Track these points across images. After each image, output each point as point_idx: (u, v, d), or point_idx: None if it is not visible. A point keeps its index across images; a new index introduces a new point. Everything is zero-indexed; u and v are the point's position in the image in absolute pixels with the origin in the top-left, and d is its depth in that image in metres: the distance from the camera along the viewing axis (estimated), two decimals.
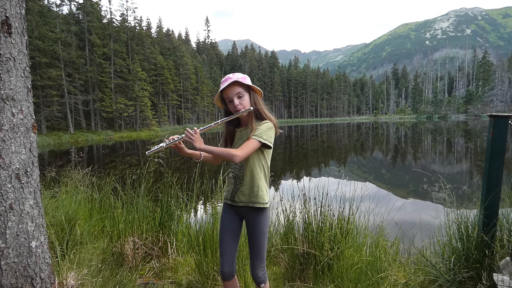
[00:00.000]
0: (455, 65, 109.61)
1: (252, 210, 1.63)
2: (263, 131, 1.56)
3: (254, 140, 1.53)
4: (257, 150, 1.58)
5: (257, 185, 1.61)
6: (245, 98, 1.61)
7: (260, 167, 1.63)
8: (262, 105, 1.66)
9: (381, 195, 6.91)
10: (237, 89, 1.59)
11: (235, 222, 1.70)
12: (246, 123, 1.68)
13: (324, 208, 2.41)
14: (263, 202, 1.61)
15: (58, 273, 1.87)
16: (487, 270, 1.84)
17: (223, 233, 1.70)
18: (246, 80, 1.61)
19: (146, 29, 55.07)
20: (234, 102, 1.59)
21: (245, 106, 1.60)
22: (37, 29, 27.35)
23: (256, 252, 1.64)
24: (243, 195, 1.62)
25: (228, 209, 1.71)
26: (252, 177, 1.61)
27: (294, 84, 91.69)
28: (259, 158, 1.62)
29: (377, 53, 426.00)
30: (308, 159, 13.95)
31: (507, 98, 64.01)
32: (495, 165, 1.93)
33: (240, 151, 1.49)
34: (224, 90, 1.60)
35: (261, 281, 1.67)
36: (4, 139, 1.45)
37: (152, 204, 2.90)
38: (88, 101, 34.70)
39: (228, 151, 1.50)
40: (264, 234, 1.64)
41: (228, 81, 1.57)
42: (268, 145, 1.57)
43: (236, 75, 1.59)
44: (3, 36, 1.44)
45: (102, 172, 4.30)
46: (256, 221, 1.63)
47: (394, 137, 26.46)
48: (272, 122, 1.63)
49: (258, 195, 1.61)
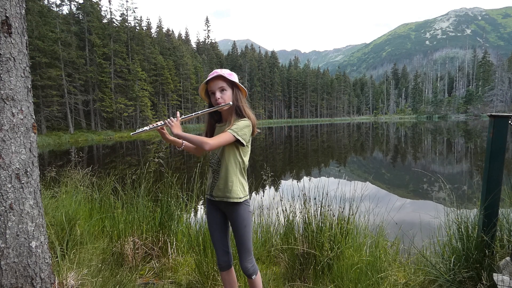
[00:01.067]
0: (455, 65, 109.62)
1: (228, 204, 1.67)
2: (239, 127, 1.60)
3: (228, 133, 1.57)
4: (232, 146, 1.63)
5: (231, 180, 1.64)
6: (227, 93, 1.65)
7: (236, 163, 1.66)
8: (243, 103, 1.69)
9: (381, 195, 6.91)
10: (220, 83, 1.63)
11: (218, 215, 1.75)
12: (226, 118, 1.72)
13: (324, 208, 2.41)
14: (237, 197, 1.64)
15: (58, 273, 1.87)
16: (487, 270, 1.84)
17: (211, 227, 1.77)
18: (232, 76, 1.65)
19: (146, 29, 55.02)
20: (216, 95, 1.63)
21: (225, 100, 1.64)
22: (37, 29, 27.34)
23: (242, 245, 1.68)
24: (219, 189, 1.66)
25: (210, 203, 1.76)
26: (227, 172, 1.64)
27: (294, 84, 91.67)
28: (234, 154, 1.66)
29: (377, 53, 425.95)
30: (308, 159, 13.94)
31: (507, 98, 63.99)
32: (495, 165, 1.93)
33: (212, 140, 1.52)
34: (208, 83, 1.65)
35: (251, 272, 1.70)
36: (4, 139, 1.45)
37: (152, 204, 2.91)
38: (88, 101, 34.70)
39: (200, 138, 1.53)
40: (245, 227, 1.67)
41: (213, 74, 1.63)
42: (240, 142, 1.60)
43: (223, 71, 1.64)
44: (3, 36, 1.44)
45: (102, 172, 4.30)
46: (235, 215, 1.67)
47: (394, 137, 26.45)
48: (250, 120, 1.66)
49: (232, 190, 1.64)
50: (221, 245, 1.75)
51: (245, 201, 1.68)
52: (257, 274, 1.73)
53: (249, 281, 1.73)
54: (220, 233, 1.75)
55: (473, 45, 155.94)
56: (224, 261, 1.76)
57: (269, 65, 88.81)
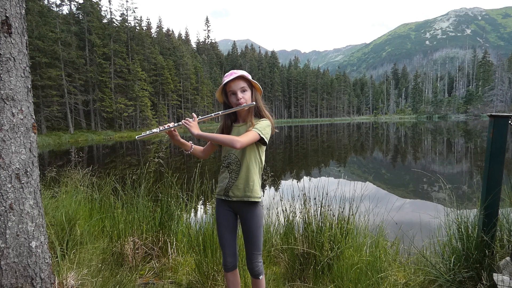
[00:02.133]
0: (455, 65, 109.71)
1: (247, 204, 1.66)
2: (262, 127, 1.60)
3: (255, 132, 1.57)
4: (253, 145, 1.63)
5: (253, 180, 1.64)
6: (248, 94, 1.65)
7: (256, 162, 1.67)
8: (261, 103, 1.71)
9: (381, 195, 6.91)
10: (241, 84, 1.63)
11: (230, 216, 1.73)
12: (244, 119, 1.71)
13: (324, 208, 2.41)
14: (257, 196, 1.65)
15: (58, 273, 1.87)
16: (487, 270, 1.84)
17: (221, 228, 1.74)
18: (249, 77, 1.66)
19: (146, 29, 55.03)
20: (238, 95, 1.62)
21: (247, 100, 1.64)
22: (37, 29, 27.34)
23: (254, 245, 1.68)
24: (238, 189, 1.65)
25: (221, 204, 1.74)
26: (248, 171, 1.64)
27: (294, 84, 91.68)
28: (255, 153, 1.66)
29: (377, 53, 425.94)
30: (308, 159, 13.94)
31: (507, 98, 63.99)
32: (495, 165, 1.93)
33: (242, 138, 1.51)
34: (228, 83, 1.63)
35: (260, 273, 1.71)
36: (4, 139, 1.45)
37: (152, 204, 2.90)
38: (88, 101, 34.69)
39: (230, 137, 1.52)
40: (260, 227, 1.68)
41: (233, 75, 1.62)
42: (264, 141, 1.61)
43: (241, 71, 1.64)
44: (3, 36, 1.44)
45: (102, 172, 4.30)
46: (251, 215, 1.66)
47: (394, 137, 26.45)
48: (270, 120, 1.67)
49: (253, 189, 1.64)
50: (230, 247, 1.73)
51: (261, 201, 1.69)
52: (263, 274, 1.73)
53: (255, 281, 1.73)
54: (230, 234, 1.74)
55: (473, 45, 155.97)
56: (231, 262, 1.74)
57: (269, 65, 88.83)
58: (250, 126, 1.62)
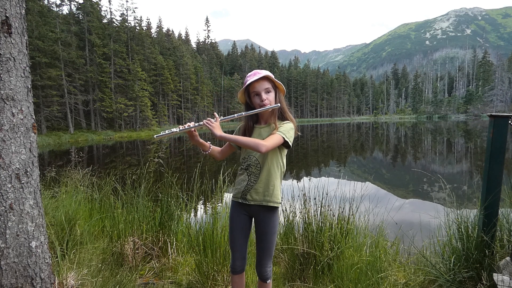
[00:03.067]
0: (455, 65, 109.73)
1: (265, 209, 1.62)
2: (286, 130, 1.56)
3: (279, 135, 1.52)
4: (276, 148, 1.57)
5: (273, 184, 1.60)
6: (272, 95, 1.61)
7: (278, 165, 1.62)
8: (285, 105, 1.65)
9: (381, 195, 6.91)
10: (266, 84, 1.59)
11: (245, 220, 1.69)
12: (266, 120, 1.66)
13: (324, 208, 2.41)
14: (277, 201, 1.61)
15: (58, 273, 1.87)
16: (487, 270, 1.84)
17: (235, 231, 1.69)
18: (273, 77, 1.62)
19: (146, 29, 55.02)
20: (262, 96, 1.58)
21: (271, 102, 1.59)
22: (37, 29, 27.32)
23: (267, 250, 1.65)
24: (257, 193, 1.60)
25: (237, 207, 1.69)
26: (269, 175, 1.59)
27: (294, 84, 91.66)
28: (277, 156, 1.61)
29: (377, 53, 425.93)
30: (308, 159, 13.94)
31: (507, 98, 63.98)
32: (495, 165, 1.93)
33: (267, 142, 1.47)
34: (252, 84, 1.58)
35: (269, 276, 1.70)
36: (4, 139, 1.45)
37: (152, 204, 2.90)
38: (88, 101, 34.68)
39: (255, 140, 1.47)
40: (275, 233, 1.65)
41: (258, 75, 1.56)
42: (288, 144, 1.56)
43: (265, 71, 1.59)
44: (3, 36, 1.44)
45: (102, 172, 4.30)
46: (268, 220, 1.62)
47: (394, 137, 26.45)
48: (293, 123, 1.62)
49: (273, 194, 1.60)
50: (241, 251, 1.70)
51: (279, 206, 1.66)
52: (271, 278, 1.73)
53: (263, 284, 1.71)
54: (243, 238, 1.70)
55: (473, 45, 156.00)
56: (240, 265, 1.72)
57: (269, 65, 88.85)
58: (273, 128, 1.57)
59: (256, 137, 1.62)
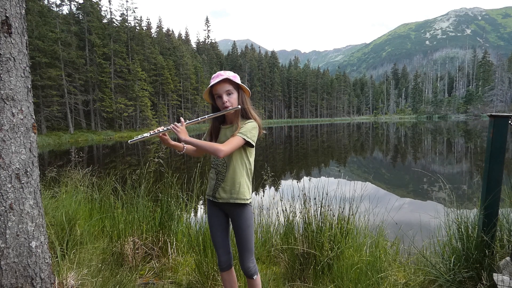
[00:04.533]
0: (455, 65, 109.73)
1: (234, 206, 1.67)
2: (247, 130, 1.60)
3: (239, 137, 1.57)
4: (240, 148, 1.63)
5: (239, 182, 1.65)
6: (234, 96, 1.65)
7: (243, 164, 1.67)
8: (249, 104, 1.70)
9: (381, 195, 6.91)
10: (227, 86, 1.63)
11: (221, 216, 1.75)
12: (231, 120, 1.72)
13: (324, 208, 2.41)
14: (244, 198, 1.66)
15: (58, 273, 1.87)
16: (487, 270, 1.84)
17: (213, 229, 1.77)
18: (236, 79, 1.65)
19: (146, 29, 54.98)
20: (223, 99, 1.62)
21: (233, 103, 1.64)
22: (37, 29, 27.32)
23: (244, 245, 1.69)
24: (224, 191, 1.66)
25: (211, 205, 1.76)
26: (234, 174, 1.65)
27: (294, 84, 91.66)
28: (241, 156, 1.67)
29: (377, 53, 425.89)
30: (308, 159, 13.94)
31: (507, 98, 63.99)
32: (495, 165, 1.93)
33: (225, 146, 1.53)
34: (214, 86, 1.63)
35: (253, 273, 1.71)
36: (4, 139, 1.45)
37: (152, 204, 2.91)
38: (88, 101, 34.68)
39: (213, 145, 1.53)
40: (249, 227, 1.68)
41: (219, 77, 1.61)
42: (251, 144, 1.61)
43: (228, 73, 1.63)
44: (3, 36, 1.44)
45: (102, 172, 4.30)
46: (239, 217, 1.67)
47: (394, 137, 26.45)
48: (257, 122, 1.67)
49: (239, 191, 1.65)
50: (222, 246, 1.76)
51: (250, 202, 1.70)
52: (257, 274, 1.74)
53: (250, 281, 1.73)
54: (222, 234, 1.76)
55: (473, 45, 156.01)
56: (225, 261, 1.76)
57: (269, 65, 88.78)
58: (236, 129, 1.62)
59: (222, 136, 1.70)
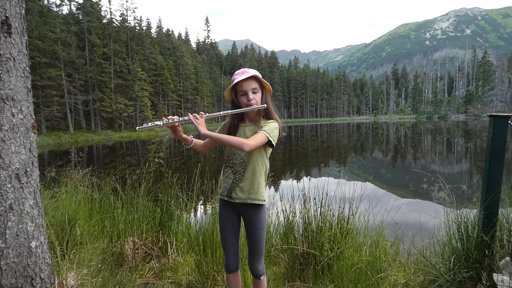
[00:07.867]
0: (455, 65, 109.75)
1: (250, 206, 1.64)
2: (271, 129, 1.57)
3: (262, 134, 1.53)
4: (261, 147, 1.59)
5: (258, 182, 1.62)
6: (259, 94, 1.62)
7: (262, 164, 1.64)
8: (271, 105, 1.67)
9: (380, 195, 6.91)
10: (253, 84, 1.60)
11: (234, 218, 1.71)
12: (251, 119, 1.68)
13: (324, 208, 2.41)
14: (262, 199, 1.63)
15: (58, 273, 1.87)
16: (487, 270, 1.84)
17: (225, 230, 1.72)
18: (261, 77, 1.63)
19: (146, 29, 55.00)
20: (249, 96, 1.59)
21: (258, 101, 1.61)
22: (37, 29, 27.29)
23: (257, 247, 1.67)
24: (242, 191, 1.62)
25: (225, 205, 1.71)
26: (253, 173, 1.61)
27: (294, 84, 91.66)
28: (261, 155, 1.63)
29: (377, 53, 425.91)
30: (308, 159, 13.94)
31: (507, 98, 64.00)
32: (495, 165, 1.93)
33: (251, 141, 1.48)
34: (239, 83, 1.59)
35: (261, 273, 1.71)
36: (4, 139, 1.45)
37: (152, 204, 2.90)
38: (88, 101, 34.67)
39: (239, 139, 1.48)
40: (263, 229, 1.66)
41: (246, 74, 1.57)
42: (272, 144, 1.58)
43: (253, 71, 1.59)
44: (3, 36, 1.44)
45: (102, 172, 4.30)
46: (255, 217, 1.64)
47: (394, 137, 26.45)
48: (278, 123, 1.64)
49: (258, 191, 1.62)
50: (232, 248, 1.72)
51: (265, 204, 1.68)
52: (264, 275, 1.73)
53: (256, 281, 1.73)
54: (233, 236, 1.72)
55: (473, 45, 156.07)
56: (233, 264, 1.73)
57: (269, 65, 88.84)
58: (258, 128, 1.59)
59: (241, 135, 1.64)
